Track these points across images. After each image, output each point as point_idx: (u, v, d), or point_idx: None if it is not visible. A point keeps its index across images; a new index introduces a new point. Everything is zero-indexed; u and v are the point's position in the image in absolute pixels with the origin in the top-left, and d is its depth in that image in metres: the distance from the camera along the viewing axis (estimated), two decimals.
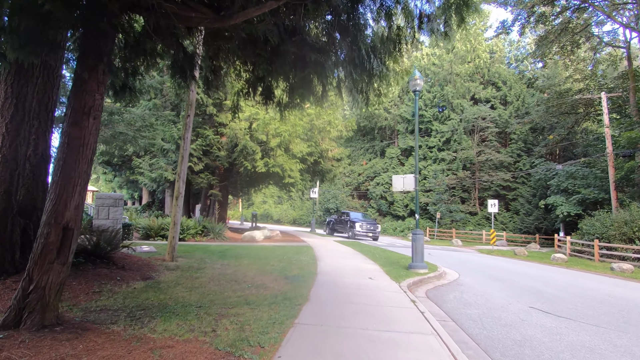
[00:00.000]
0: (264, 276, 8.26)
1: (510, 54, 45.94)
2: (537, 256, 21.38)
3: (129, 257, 8.52)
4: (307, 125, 17.81)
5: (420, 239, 10.22)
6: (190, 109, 9.64)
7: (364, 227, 24.94)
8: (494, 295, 8.52)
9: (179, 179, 9.42)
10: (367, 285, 7.99)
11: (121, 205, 9.46)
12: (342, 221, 27.79)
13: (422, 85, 10.50)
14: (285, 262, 10.52)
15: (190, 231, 16.32)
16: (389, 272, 9.87)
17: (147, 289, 6.44)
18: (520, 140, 38.87)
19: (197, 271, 8.36)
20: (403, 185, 10.61)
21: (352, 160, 52.14)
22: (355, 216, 27.38)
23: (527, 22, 32.02)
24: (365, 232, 24.77)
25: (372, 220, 27.74)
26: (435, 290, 8.77)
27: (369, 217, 29.95)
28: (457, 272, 11.91)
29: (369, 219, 28.24)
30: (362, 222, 25.47)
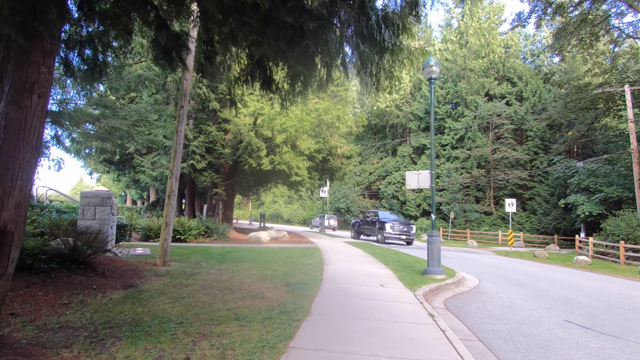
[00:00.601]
0: (263, 283, 7.41)
1: (525, 49, 44.50)
2: (557, 258, 20.19)
3: (114, 262, 7.73)
4: (314, 121, 16.92)
5: (436, 241, 9.27)
6: (184, 100, 8.83)
7: (395, 229, 21.61)
8: (521, 305, 7.54)
9: (172, 175, 8.62)
10: (379, 294, 7.07)
11: (109, 205, 8.70)
12: (370, 222, 24.23)
13: (438, 73, 9.55)
14: (289, 267, 9.66)
15: (192, 232, 15.57)
16: (402, 277, 8.94)
17: (125, 300, 5.63)
18: (537, 137, 37.47)
19: (189, 277, 7.53)
20: (417, 183, 9.66)
21: (363, 159, 51.14)
22: (384, 216, 23.78)
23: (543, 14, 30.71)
24: (398, 235, 21.54)
25: (405, 221, 24.35)
26: (454, 299, 7.81)
27: (400, 216, 26.30)
28: (476, 277, 10.92)
29: (401, 219, 24.52)
30: (394, 223, 21.96)
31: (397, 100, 46.90)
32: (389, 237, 21.37)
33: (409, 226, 22.16)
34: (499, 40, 42.06)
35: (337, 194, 49.17)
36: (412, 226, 22.29)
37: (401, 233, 21.52)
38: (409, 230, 21.83)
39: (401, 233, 21.52)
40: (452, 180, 37.93)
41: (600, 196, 25.18)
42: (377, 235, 22.50)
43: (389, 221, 22.11)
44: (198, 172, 17.19)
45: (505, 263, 15.96)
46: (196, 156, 16.55)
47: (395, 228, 21.56)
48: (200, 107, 17.48)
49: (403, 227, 21.87)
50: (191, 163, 16.48)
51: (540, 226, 34.42)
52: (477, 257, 18.34)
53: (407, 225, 22.28)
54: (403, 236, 21.54)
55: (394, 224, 21.75)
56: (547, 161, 36.02)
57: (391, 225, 21.59)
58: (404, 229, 21.73)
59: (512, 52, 42.02)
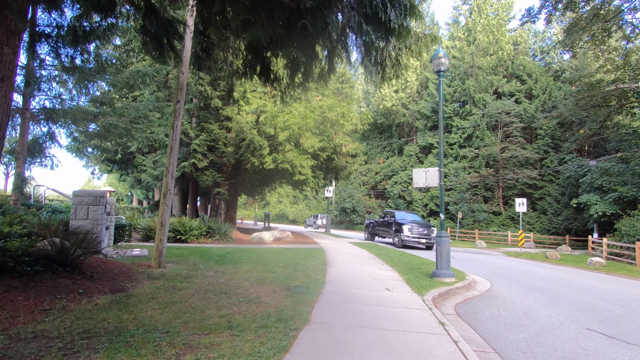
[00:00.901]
0: (262, 287, 6.99)
1: (535, 46, 43.69)
2: (570, 260, 19.57)
3: (106, 264, 7.36)
4: (318, 118, 16.47)
5: (445, 242, 8.79)
6: (180, 94, 8.45)
7: (414, 232, 19.39)
8: (538, 311, 7.04)
9: (167, 173, 8.23)
10: (385, 298, 6.62)
11: (103, 204, 8.33)
12: (385, 224, 22.01)
13: (447, 65, 9.08)
14: (290, 269, 9.23)
15: (194, 232, 15.20)
16: (409, 281, 8.48)
17: (111, 306, 5.24)
18: (547, 135, 36.72)
19: (184, 280, 7.14)
20: (425, 180, 9.19)
21: (369, 158, 50.63)
22: (402, 217, 21.54)
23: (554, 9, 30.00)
24: (417, 238, 19.29)
25: (425, 222, 22.06)
26: (466, 304, 7.33)
27: (419, 217, 23.48)
28: (487, 280, 10.42)
29: (421, 220, 22.09)
30: (412, 225, 19.73)
31: (403, 99, 46.33)
32: (406, 240, 19.29)
33: (429, 229, 19.71)
34: (507, 37, 41.31)
35: (342, 194, 48.68)
36: (433, 229, 19.52)
37: (420, 236, 19.25)
38: (429, 233, 19.49)
39: (420, 236, 19.25)
40: (460, 180, 37.30)
41: (614, 195, 24.47)
42: (394, 237, 20.45)
43: (407, 223, 19.92)
44: (200, 171, 16.84)
45: (516, 265, 15.41)
46: (198, 155, 16.19)
47: (414, 230, 19.43)
48: (202, 104, 17.13)
49: (422, 229, 19.53)
50: (192, 162, 16.13)
51: (550, 226, 33.69)
52: (487, 258, 17.80)
53: (427, 227, 19.93)
54: (422, 240, 19.20)
55: (412, 226, 19.57)
56: (557, 160, 35.29)
57: (409, 228, 19.45)
58: (423, 232, 19.43)
59: (522, 49, 41.24)
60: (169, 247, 12.05)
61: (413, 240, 19.37)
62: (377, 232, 23.33)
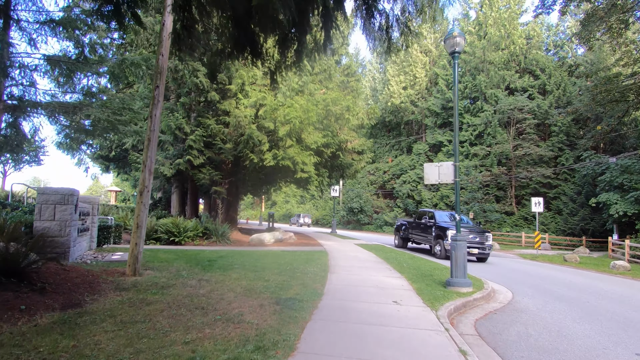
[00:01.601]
0: (248, 299, 5.99)
1: (548, 40, 42.14)
2: (591, 263, 18.32)
3: (69, 272, 6.41)
4: (321, 112, 15.43)
5: (461, 247, 7.71)
6: (159, 79, 7.46)
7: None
8: (573, 330, 5.95)
9: (145, 168, 7.27)
10: (392, 315, 5.58)
11: (72, 203, 7.39)
12: (422, 227, 17.31)
13: (462, 46, 8.00)
14: (285, 276, 8.22)
15: (188, 234, 14.28)
16: (420, 290, 7.41)
17: (53, 328, 4.26)
18: (561, 132, 35.28)
19: (158, 292, 6.16)
20: (438, 176, 8.11)
21: (377, 157, 49.49)
22: (443, 218, 16.50)
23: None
24: (467, 246, 13.56)
25: (476, 226, 16.93)
26: (487, 320, 6.25)
27: (466, 218, 18.01)
28: (507, 287, 9.32)
29: (470, 223, 17.31)
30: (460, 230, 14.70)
31: (412, 96, 45.11)
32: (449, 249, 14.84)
33: (482, 235, 15.00)
34: (520, 31, 39.89)
35: (350, 194, 47.61)
36: (488, 235, 15.12)
37: (471, 244, 14.64)
38: (483, 240, 14.90)
39: (471, 244, 14.64)
40: (471, 179, 36.00)
41: (636, 194, 23.08)
42: (433, 245, 15.92)
43: (452, 227, 14.74)
44: (196, 169, 15.89)
45: (534, 269, 14.24)
46: (194, 151, 15.25)
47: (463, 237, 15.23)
48: (199, 98, 16.20)
49: (474, 235, 14.85)
50: (188, 159, 15.19)
51: (566, 227, 32.28)
52: (502, 261, 16.63)
53: (480, 233, 15.11)
54: (474, 249, 14.70)
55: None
56: (573, 158, 33.86)
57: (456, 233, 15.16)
58: (475, 239, 14.81)
59: (534, 43, 39.78)
60: (156, 250, 11.13)
61: None
62: (411, 237, 18.92)
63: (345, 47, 20.56)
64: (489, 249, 15.27)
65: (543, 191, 34.33)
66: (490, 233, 15.65)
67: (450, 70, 41.64)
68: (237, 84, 15.13)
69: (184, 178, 18.86)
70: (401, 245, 19.58)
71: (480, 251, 14.99)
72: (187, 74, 14.83)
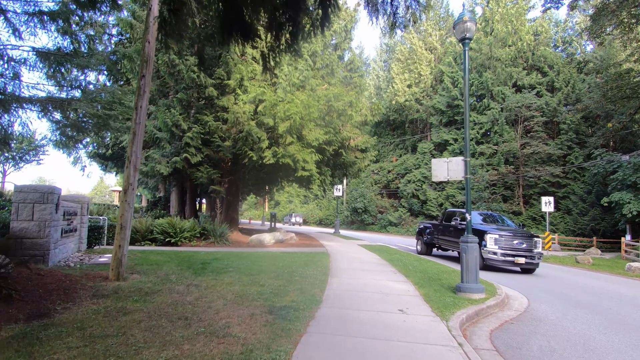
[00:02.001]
0: (238, 308, 5.42)
1: (556, 36, 41.27)
2: (604, 265, 17.62)
3: (44, 277, 5.87)
4: (323, 108, 14.84)
5: (473, 249, 7.09)
6: (145, 68, 6.91)
7: (504, 244, 11.99)
8: (600, 343, 5.34)
9: (129, 164, 6.72)
10: (397, 327, 4.99)
11: (52, 202, 6.86)
12: (452, 230, 14.21)
13: (473, 31, 7.40)
14: (282, 280, 7.65)
15: (185, 234, 13.76)
16: (428, 297, 6.81)
17: (10, 344, 3.72)
18: (571, 130, 34.43)
19: (141, 299, 5.61)
20: (447, 173, 7.51)
21: (381, 156, 48.83)
22: (476, 219, 13.92)
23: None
24: (510, 255, 11.85)
25: (522, 230, 13.62)
26: (503, 332, 5.64)
27: (507, 220, 14.82)
28: (521, 292, 8.70)
29: (512, 225, 14.13)
30: (501, 234, 12.12)
31: (417, 94, 44.39)
32: (492, 259, 12.01)
33: (530, 240, 12.16)
34: (527, 27, 39.05)
35: (353, 193, 46.98)
36: (537, 240, 12.22)
37: (516, 251, 11.86)
38: (531, 246, 12.05)
39: (516, 251, 11.86)
40: (477, 178, 35.25)
41: None
42: None
43: (492, 230, 12.32)
44: (194, 167, 15.35)
45: (547, 271, 13.58)
46: (191, 149, 14.70)
47: (504, 242, 11.98)
48: (196, 94, 15.67)
49: (520, 241, 12.04)
50: (185, 157, 14.65)
51: (576, 227, 31.47)
52: None
53: (527, 238, 12.26)
54: (520, 258, 11.74)
55: (501, 236, 12.04)
56: (582, 156, 33.02)
57: (496, 238, 12.00)
58: (520, 245, 12.00)
59: (542, 39, 38.90)
60: (148, 252, 10.60)
61: (504, 258, 11.86)
62: (436, 242, 15.85)
63: (348, 42, 19.96)
64: (539, 257, 12.11)
65: (552, 190, 33.52)
66: (540, 238, 12.57)
67: (456, 67, 40.91)
68: (236, 79, 14.59)
69: (183, 177, 18.35)
70: (424, 251, 16.42)
71: (528, 260, 11.82)
72: (184, 68, 14.30)
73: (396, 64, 47.08)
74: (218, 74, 15.06)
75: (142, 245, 12.90)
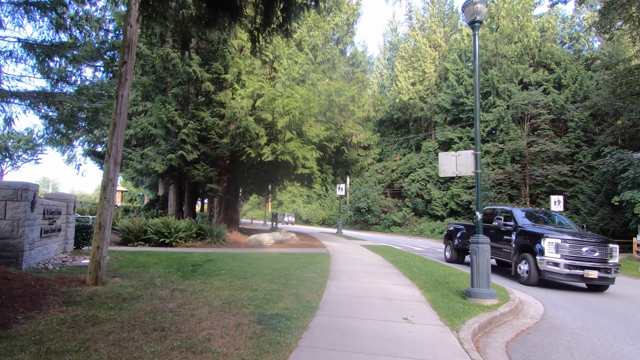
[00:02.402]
0: (224, 317, 4.86)
1: (563, 32, 40.46)
2: None
3: (13, 281, 5.34)
4: (324, 103, 14.26)
5: (484, 251, 6.49)
6: (127, 53, 6.37)
7: (572, 251, 9.28)
8: (629, 355, 4.74)
9: (109, 158, 6.17)
10: (402, 339, 4.41)
11: (26, 199, 6.33)
12: (492, 233, 11.21)
13: (484, 14, 6.80)
14: (277, 283, 7.08)
15: (180, 234, 13.22)
16: (435, 302, 6.22)
17: None
18: (579, 128, 33.65)
19: (117, 306, 5.06)
20: (456, 168, 6.92)
21: (384, 155, 48.17)
22: (523, 220, 11.00)
23: None
24: (579, 265, 9.13)
25: (588, 233, 10.75)
26: (521, 343, 5.05)
27: (563, 218, 11.95)
28: (535, 297, 8.09)
29: (575, 229, 11.10)
30: (563, 239, 9.39)
31: (421, 92, 43.71)
32: (551, 271, 9.18)
33: (604, 248, 9.39)
34: (533, 23, 38.26)
35: (357, 193, 46.36)
36: (614, 248, 9.47)
37: (586, 262, 9.12)
38: (606, 255, 9.31)
39: (586, 262, 9.12)
40: (483, 177, 34.46)
41: None
42: (516, 261, 10.23)
43: (551, 234, 9.54)
44: (190, 165, 14.81)
45: None
46: (187, 146, 14.15)
47: (570, 250, 9.24)
48: (193, 89, 15.15)
49: (590, 248, 9.29)
50: (180, 154, 14.11)
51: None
52: None
53: (600, 244, 9.49)
54: (592, 271, 8.99)
55: (564, 241, 9.31)
56: (591, 154, 32.24)
57: (557, 244, 9.24)
58: (592, 254, 9.24)
59: (549, 35, 38.10)
60: (138, 253, 10.07)
61: (569, 271, 9.04)
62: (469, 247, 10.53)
63: (351, 36, 19.37)
64: (616, 270, 9.21)
65: (559, 189, 32.76)
66: (616, 245, 9.54)
67: (461, 64, 40.20)
68: (233, 73, 14.04)
69: (180, 175, 17.84)
70: (455, 259, 13.84)
71: (601, 274, 8.98)
72: (180, 62, 13.77)
73: (400, 61, 46.42)
74: (215, 68, 14.52)
75: (136, 245, 12.38)
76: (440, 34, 45.38)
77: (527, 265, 9.74)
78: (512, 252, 10.49)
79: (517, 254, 10.25)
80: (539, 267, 9.35)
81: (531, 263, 9.59)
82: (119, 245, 12.14)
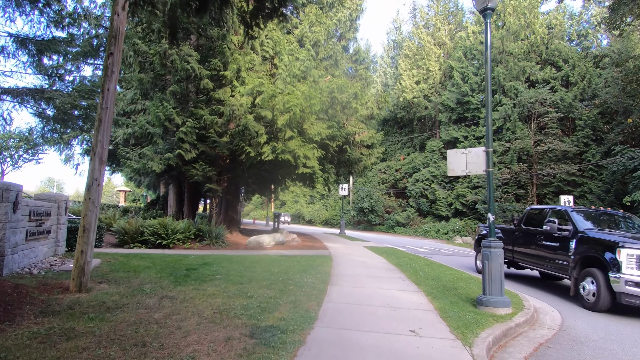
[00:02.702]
0: (213, 329, 4.43)
1: (571, 29, 39.79)
2: None
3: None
4: (326, 100, 13.82)
5: (497, 256, 6.01)
6: (114, 44, 5.95)
7: None
8: None
9: (94, 156, 5.76)
10: (409, 355, 3.97)
11: (9, 200, 5.94)
12: (540, 239, 9.28)
13: (496, 2, 6.34)
14: (275, 289, 6.65)
15: (178, 236, 12.83)
16: (444, 312, 5.77)
17: None
18: (587, 126, 33.00)
19: (98, 317, 4.64)
20: (465, 166, 6.45)
21: (388, 155, 47.66)
22: (591, 224, 8.57)
23: None
24: None
25: None
26: (540, 359, 4.58)
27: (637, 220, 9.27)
28: (549, 304, 7.60)
29: None
30: None
31: (425, 90, 43.15)
32: (630, 293, 6.59)
33: None
34: (540, 20, 37.62)
35: (360, 193, 45.88)
36: None
37: None
38: None
39: None
40: None
41: None
42: (578, 278, 7.84)
43: (630, 243, 6.88)
44: (189, 165, 14.41)
45: None
46: (185, 145, 13.75)
47: None
48: (191, 87, 14.75)
49: None
50: (178, 153, 13.71)
51: None
52: None
53: None
54: None
55: None
56: (600, 153, 31.60)
57: (638, 257, 6.64)
58: None
59: (556, 33, 37.43)
60: (131, 256, 9.67)
61: None
62: (512, 256, 10.52)
63: (354, 32, 18.91)
64: None
65: (567, 189, 32.13)
66: None
67: (466, 62, 39.61)
68: (233, 69, 13.64)
69: (179, 175, 17.46)
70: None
71: None
72: (178, 59, 13.37)
73: (404, 59, 45.88)
74: (214, 65, 14.11)
75: (132, 247, 12.00)
76: (445, 32, 44.81)
77: (595, 285, 7.25)
78: (571, 265, 7.98)
79: (578, 269, 7.82)
80: (614, 288, 6.81)
81: (601, 282, 7.08)
82: (114, 247, 11.77)
